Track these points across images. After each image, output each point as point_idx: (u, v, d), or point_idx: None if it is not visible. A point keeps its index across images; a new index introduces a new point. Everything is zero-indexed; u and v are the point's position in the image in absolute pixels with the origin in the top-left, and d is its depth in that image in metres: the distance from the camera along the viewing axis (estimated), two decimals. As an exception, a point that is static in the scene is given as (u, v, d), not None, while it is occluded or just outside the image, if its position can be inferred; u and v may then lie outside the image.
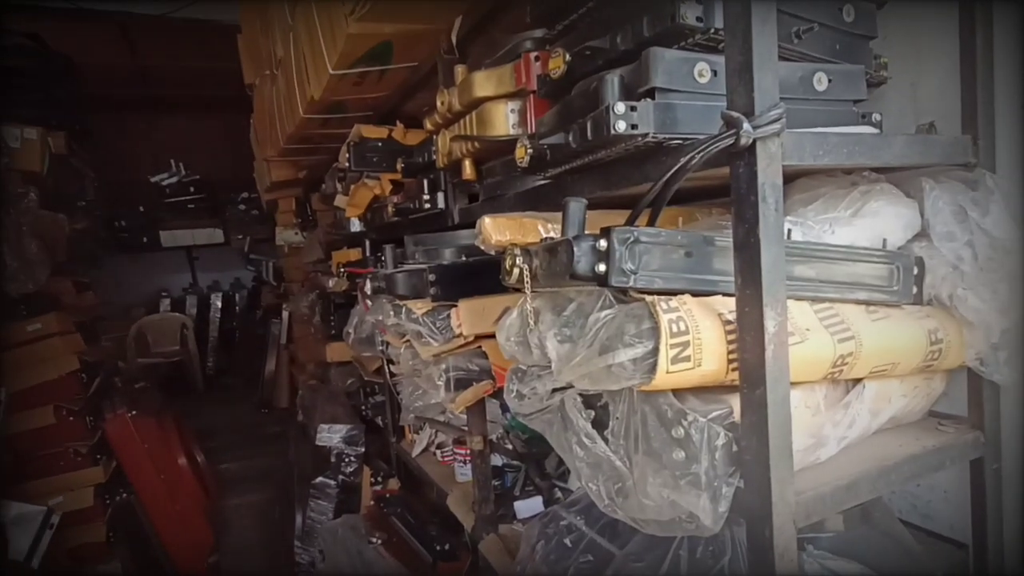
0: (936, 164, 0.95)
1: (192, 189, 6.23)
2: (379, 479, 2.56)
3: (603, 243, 0.78)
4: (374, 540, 1.91)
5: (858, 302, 0.89)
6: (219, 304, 6.37)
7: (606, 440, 0.91)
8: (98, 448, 2.89)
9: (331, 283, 2.74)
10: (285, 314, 4.90)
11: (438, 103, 1.33)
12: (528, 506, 1.76)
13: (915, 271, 0.93)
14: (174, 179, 6.20)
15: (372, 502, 2.38)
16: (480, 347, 1.45)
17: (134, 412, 2.95)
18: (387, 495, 2.36)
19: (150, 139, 6.22)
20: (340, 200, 2.34)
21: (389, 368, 2.26)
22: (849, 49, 0.95)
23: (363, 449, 2.57)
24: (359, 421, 2.72)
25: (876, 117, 0.96)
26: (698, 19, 0.79)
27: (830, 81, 0.90)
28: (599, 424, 0.93)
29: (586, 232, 0.83)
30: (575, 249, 0.79)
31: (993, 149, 0.95)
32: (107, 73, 5.03)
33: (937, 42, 1.05)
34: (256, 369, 5.43)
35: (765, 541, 0.75)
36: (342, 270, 2.46)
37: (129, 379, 3.62)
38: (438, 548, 1.95)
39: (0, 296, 2.61)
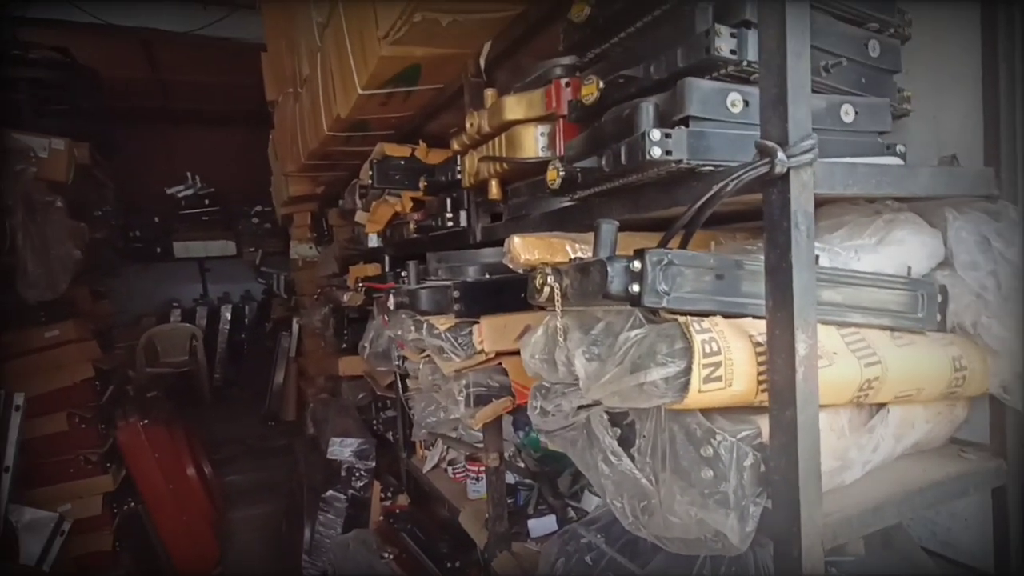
0: (959, 195, 0.97)
1: (207, 202, 6.33)
2: (389, 494, 2.56)
3: (637, 264, 0.81)
4: (386, 555, 1.91)
5: (883, 328, 0.91)
6: (229, 316, 6.41)
7: (632, 458, 0.92)
8: (108, 456, 2.90)
9: (346, 297, 2.77)
10: (296, 327, 4.93)
11: (467, 124, 1.37)
12: (541, 525, 1.75)
13: (939, 299, 0.95)
14: (189, 191, 6.29)
15: (382, 517, 2.37)
16: (500, 364, 1.47)
17: (146, 421, 2.96)
18: (397, 511, 2.36)
19: (167, 151, 6.33)
20: (360, 216, 2.38)
21: (403, 383, 2.28)
22: (874, 82, 0.98)
23: (374, 464, 2.57)
24: (370, 436, 2.73)
25: (901, 148, 0.99)
26: (732, 52, 0.82)
27: (856, 113, 0.93)
28: (625, 442, 0.94)
29: (618, 253, 0.86)
30: (609, 269, 0.82)
31: (1016, 182, 0.98)
32: (128, 86, 5.16)
33: (959, 77, 1.08)
34: (263, 381, 5.44)
35: (793, 562, 0.76)
36: (360, 284, 2.49)
37: (141, 388, 3.64)
38: (449, 565, 1.95)
39: (21, 302, 2.65)
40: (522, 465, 2.04)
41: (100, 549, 2.79)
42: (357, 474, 2.51)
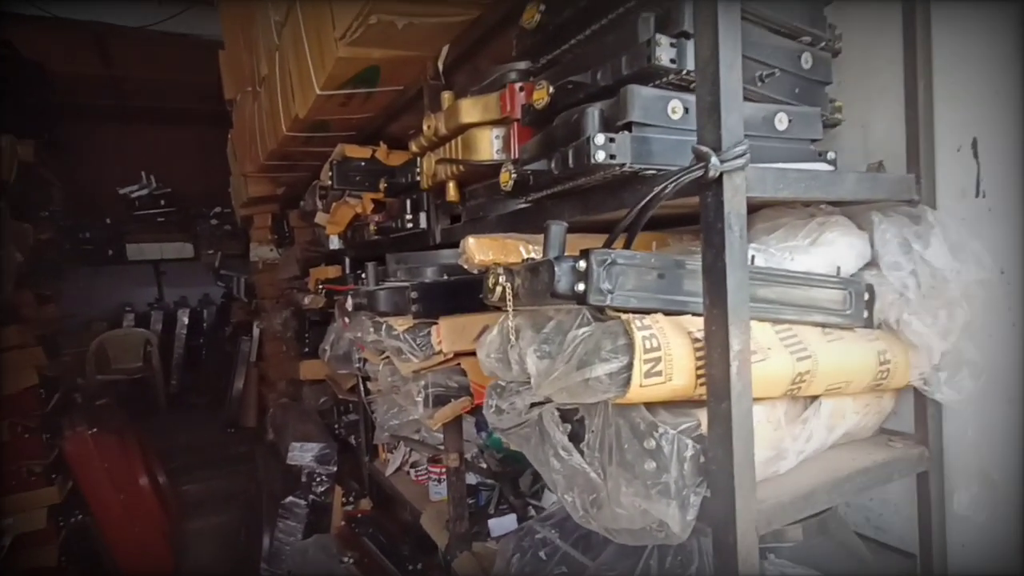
0: (884, 200, 1.04)
1: (162, 202, 6.15)
2: (351, 499, 2.54)
3: (582, 264, 0.84)
4: (346, 559, 1.90)
5: (815, 324, 0.96)
6: (186, 320, 6.23)
7: (582, 452, 0.95)
8: (54, 467, 2.79)
9: (307, 300, 2.74)
10: (256, 331, 4.83)
11: (424, 127, 1.38)
12: (502, 524, 1.77)
13: (866, 297, 1.01)
14: (144, 191, 6.11)
15: (343, 522, 2.36)
16: (459, 364, 1.48)
17: (95, 430, 2.86)
18: (359, 515, 2.34)
19: (120, 150, 6.12)
20: (321, 217, 2.36)
21: (365, 386, 2.27)
22: (807, 93, 1.04)
23: (335, 468, 2.54)
24: (332, 440, 2.70)
25: (831, 155, 1.05)
26: (672, 61, 0.86)
27: (790, 121, 0.98)
28: (575, 437, 0.97)
29: (566, 254, 0.89)
30: (556, 269, 0.85)
31: (934, 187, 1.05)
32: (79, 82, 4.98)
33: (885, 89, 1.15)
34: (223, 387, 5.32)
35: (729, 546, 0.80)
36: (320, 287, 2.47)
37: (90, 395, 3.51)
38: (411, 567, 1.94)
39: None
40: (484, 466, 2.06)
41: (44, 564, 2.69)
42: (318, 479, 2.48)
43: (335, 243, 2.42)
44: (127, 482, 2.98)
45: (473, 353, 1.33)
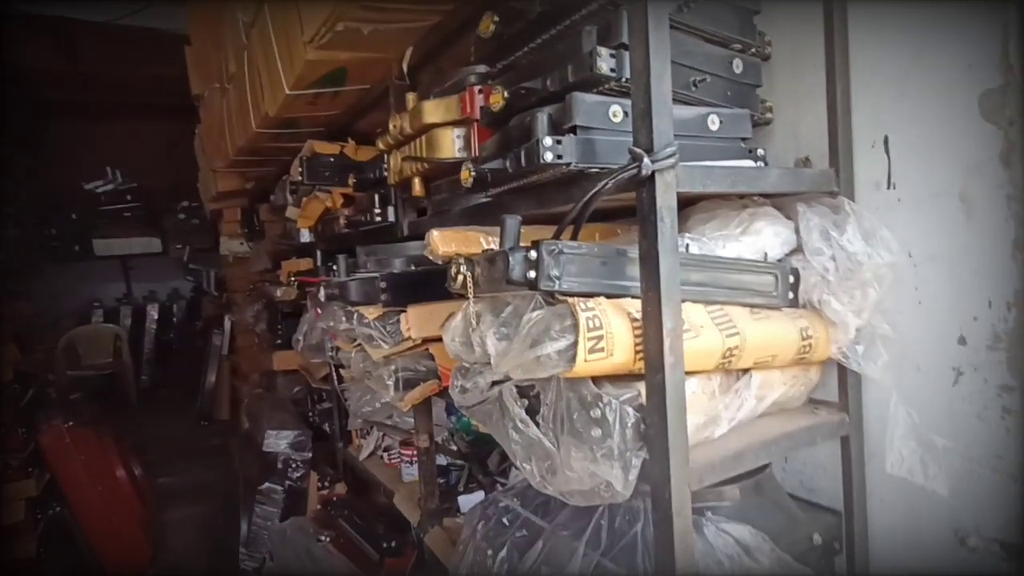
0: (808, 192, 1.15)
1: (129, 197, 6.07)
2: (326, 484, 2.62)
3: (533, 254, 0.93)
4: (323, 538, 1.98)
5: (744, 305, 1.07)
6: (155, 315, 6.19)
7: (538, 424, 1.05)
8: (30, 460, 2.80)
9: (279, 292, 2.79)
10: (228, 324, 4.84)
11: (390, 126, 1.45)
12: (471, 500, 1.87)
13: (791, 280, 1.12)
14: (110, 186, 6.02)
15: (319, 506, 2.43)
16: (427, 349, 1.57)
17: (70, 423, 2.88)
18: (334, 498, 2.42)
19: (86, 145, 6.01)
20: (291, 212, 2.41)
21: (337, 374, 2.34)
22: (738, 95, 1.14)
23: (310, 454, 2.61)
24: (306, 427, 2.76)
25: (760, 152, 1.15)
26: (612, 70, 0.95)
27: (722, 122, 1.08)
28: (531, 411, 1.07)
29: (520, 244, 0.98)
30: (510, 259, 0.94)
31: (852, 180, 1.17)
32: (43, 77, 4.87)
33: (812, 90, 1.25)
34: (195, 381, 5.31)
35: (665, 501, 0.91)
36: (293, 279, 2.52)
37: (62, 391, 3.51)
38: (385, 545, 2.03)
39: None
40: (454, 448, 2.15)
41: (24, 556, 2.71)
42: (294, 465, 2.55)
43: (306, 236, 2.47)
44: (104, 474, 3.00)
45: (440, 339, 1.42)
